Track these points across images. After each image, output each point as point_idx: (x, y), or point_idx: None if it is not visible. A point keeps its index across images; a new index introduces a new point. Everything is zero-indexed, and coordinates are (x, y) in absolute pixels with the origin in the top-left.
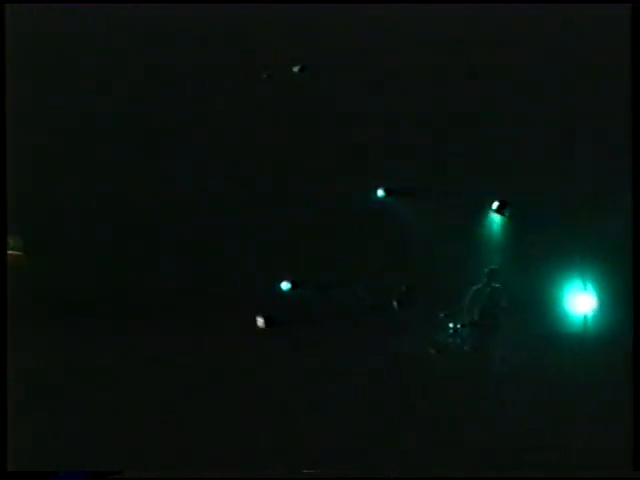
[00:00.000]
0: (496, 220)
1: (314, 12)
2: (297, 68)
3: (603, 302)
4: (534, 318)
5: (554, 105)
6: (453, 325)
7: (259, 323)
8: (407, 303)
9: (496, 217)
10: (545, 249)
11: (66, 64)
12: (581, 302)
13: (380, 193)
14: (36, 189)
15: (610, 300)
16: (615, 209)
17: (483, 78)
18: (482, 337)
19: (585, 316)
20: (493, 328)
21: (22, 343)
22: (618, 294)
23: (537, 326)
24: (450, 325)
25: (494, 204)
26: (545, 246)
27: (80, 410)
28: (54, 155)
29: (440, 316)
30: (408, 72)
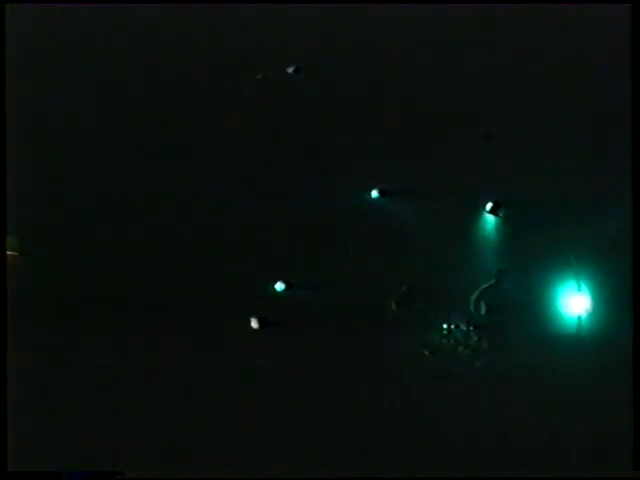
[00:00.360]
0: (490, 221)
1: (310, 13)
2: (292, 69)
3: (598, 302)
4: (529, 319)
5: (554, 105)
6: (447, 326)
7: (253, 324)
8: (403, 304)
9: (490, 218)
10: (539, 250)
11: (66, 64)
12: (575, 303)
13: (374, 194)
14: (36, 189)
15: (605, 300)
16: (612, 210)
17: (483, 78)
18: (486, 337)
19: (579, 316)
20: (493, 328)
21: (22, 343)
22: (613, 295)
23: (532, 327)
24: (444, 326)
25: (488, 205)
26: (539, 247)
27: (80, 410)
28: (54, 155)
29: (436, 317)
30: (406, 72)
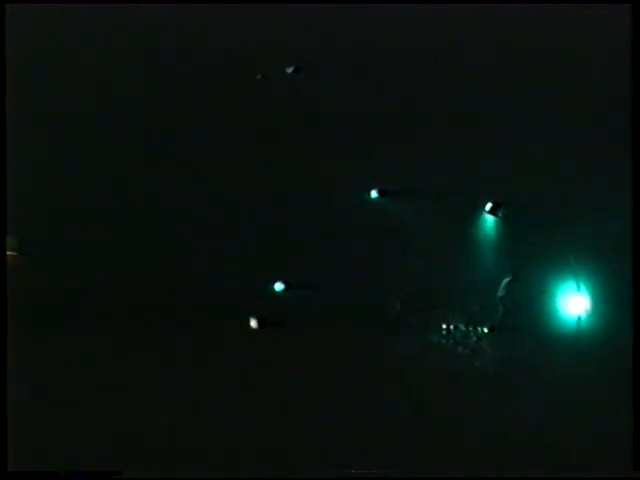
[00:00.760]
0: (490, 221)
1: (310, 13)
2: (291, 69)
3: (597, 303)
4: (529, 319)
5: (554, 105)
6: (446, 326)
7: (252, 324)
8: (403, 304)
9: (490, 218)
10: (539, 250)
11: (66, 64)
12: (575, 303)
13: (374, 194)
14: (36, 189)
15: (604, 301)
16: (612, 210)
17: (483, 78)
18: (486, 337)
19: (579, 317)
20: (493, 328)
21: (22, 343)
22: (612, 295)
23: (532, 327)
24: (444, 326)
25: (487, 205)
26: (539, 247)
27: (80, 410)
28: (54, 155)
29: (436, 317)
30: (406, 72)
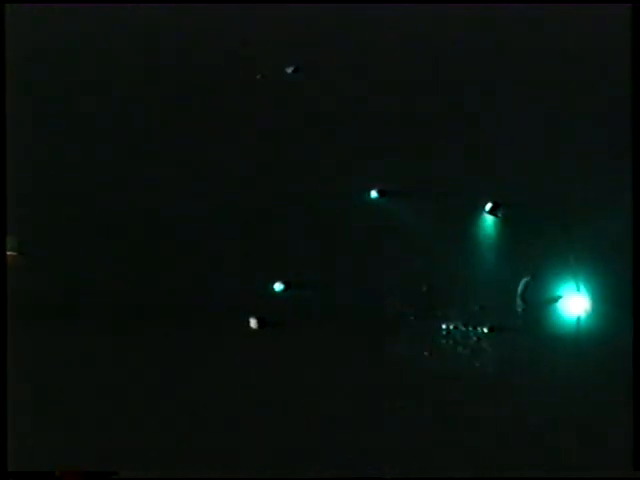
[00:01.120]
0: (489, 221)
1: (310, 13)
2: (291, 69)
3: (597, 303)
4: (528, 319)
5: (554, 105)
6: (446, 326)
7: (252, 324)
8: (403, 304)
9: (489, 218)
10: (538, 250)
11: (66, 64)
12: (575, 303)
13: (374, 194)
14: (36, 189)
15: (604, 301)
16: (611, 210)
17: (483, 78)
18: (485, 337)
19: (579, 317)
20: (493, 328)
21: (22, 343)
22: (612, 295)
23: (531, 327)
24: (443, 326)
25: (487, 205)
26: (538, 247)
27: (80, 410)
28: (54, 155)
29: (436, 317)
30: (406, 72)
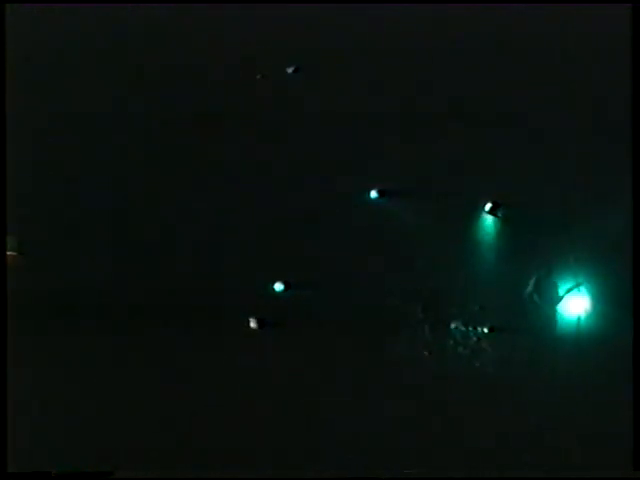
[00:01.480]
0: (489, 221)
1: (310, 13)
2: (291, 69)
3: (597, 303)
4: (528, 319)
5: (554, 105)
6: (446, 326)
7: (252, 325)
8: (403, 304)
9: (489, 218)
10: (538, 250)
11: (66, 64)
12: (575, 303)
13: (373, 194)
14: (36, 189)
15: (604, 301)
16: (612, 210)
17: (483, 78)
18: (485, 337)
19: (579, 317)
20: (492, 328)
21: (22, 343)
22: (612, 295)
23: (532, 327)
24: (443, 326)
25: (487, 205)
26: (538, 247)
27: (80, 410)
28: (54, 155)
29: (436, 317)
30: (406, 72)
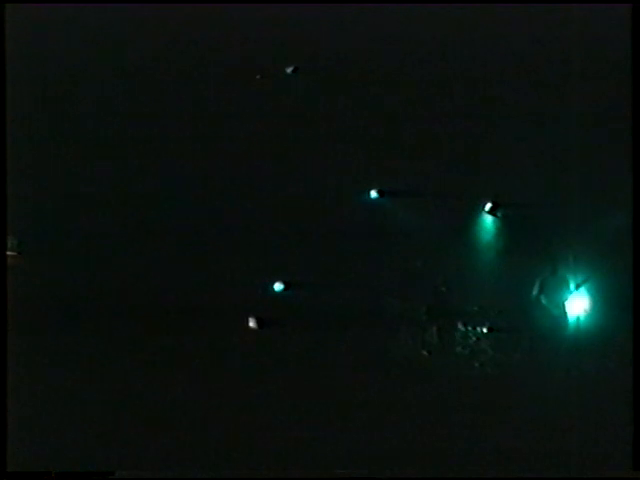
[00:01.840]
0: (489, 221)
1: (310, 13)
2: (290, 69)
3: (597, 303)
4: (528, 319)
5: (554, 105)
6: (445, 327)
7: (251, 324)
8: (403, 304)
9: (489, 218)
10: (538, 250)
11: (66, 64)
12: (575, 303)
13: (373, 194)
14: (36, 189)
15: (604, 301)
16: (612, 210)
17: (483, 78)
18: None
19: (579, 317)
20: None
21: (22, 343)
22: (612, 295)
23: (531, 327)
24: (442, 326)
25: (487, 205)
26: (538, 247)
27: (80, 410)
28: (54, 155)
29: (435, 317)
30: (406, 72)
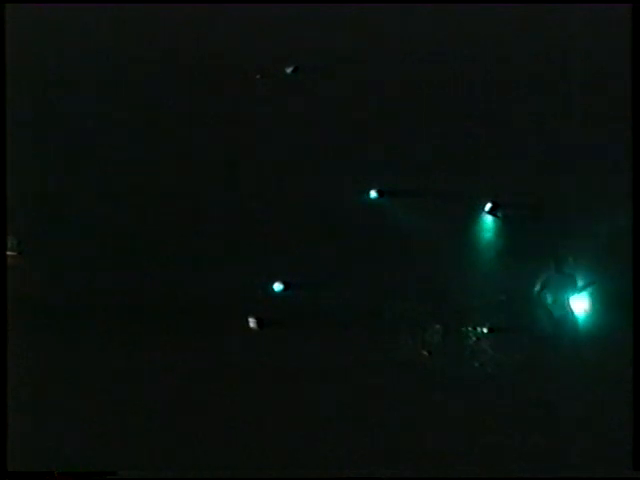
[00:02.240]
0: (489, 221)
1: (310, 13)
2: (290, 69)
3: (597, 302)
4: (528, 319)
5: (554, 105)
6: (446, 326)
7: (251, 325)
8: (403, 304)
9: (489, 218)
10: (538, 250)
11: (66, 64)
12: (575, 303)
13: (373, 194)
14: (36, 189)
15: (605, 300)
16: (612, 210)
17: (483, 78)
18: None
19: (579, 317)
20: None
21: (22, 343)
22: (613, 295)
23: (532, 327)
24: (442, 327)
25: (487, 206)
26: (538, 247)
27: (79, 411)
28: (54, 155)
29: (435, 317)
30: (406, 72)
